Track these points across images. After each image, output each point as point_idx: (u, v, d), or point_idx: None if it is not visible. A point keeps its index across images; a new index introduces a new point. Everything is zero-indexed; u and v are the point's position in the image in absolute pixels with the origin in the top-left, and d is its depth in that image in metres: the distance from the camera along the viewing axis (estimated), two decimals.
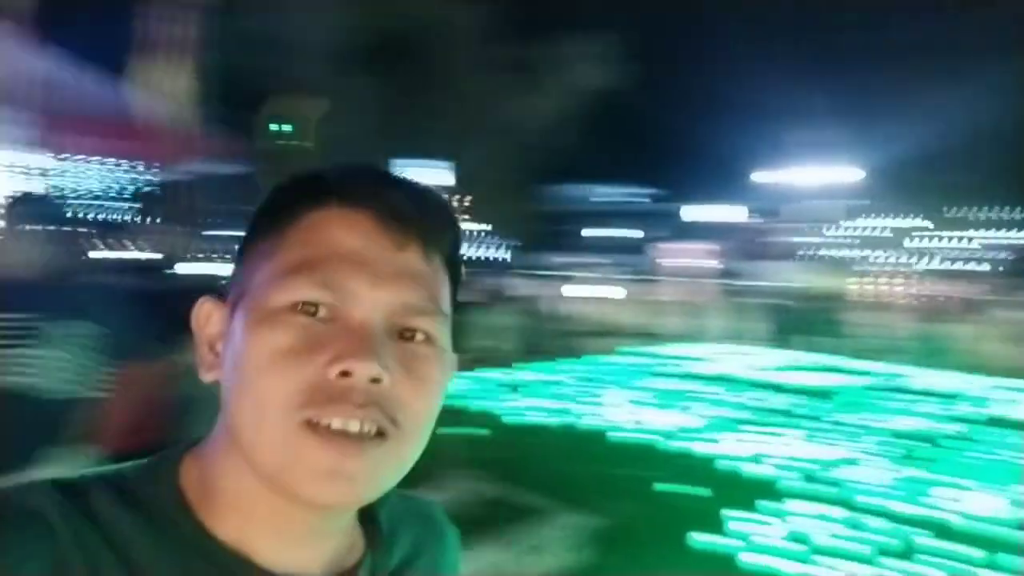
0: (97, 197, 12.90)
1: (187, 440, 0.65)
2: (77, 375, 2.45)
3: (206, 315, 0.65)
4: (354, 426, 0.56)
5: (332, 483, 0.56)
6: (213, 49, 14.71)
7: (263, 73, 22.13)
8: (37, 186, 7.93)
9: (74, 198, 10.53)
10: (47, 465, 2.28)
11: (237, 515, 0.60)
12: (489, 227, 32.83)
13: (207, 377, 0.64)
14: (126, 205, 16.48)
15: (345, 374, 0.56)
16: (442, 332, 0.63)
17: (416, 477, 0.63)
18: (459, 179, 29.52)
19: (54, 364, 2.41)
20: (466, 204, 30.94)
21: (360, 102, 23.44)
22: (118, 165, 9.50)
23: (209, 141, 10.09)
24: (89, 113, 8.09)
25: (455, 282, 0.67)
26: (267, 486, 0.58)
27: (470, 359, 7.88)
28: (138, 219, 16.72)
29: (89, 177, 10.19)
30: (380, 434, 0.57)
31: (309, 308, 0.58)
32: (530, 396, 7.60)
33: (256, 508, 0.60)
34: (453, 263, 0.66)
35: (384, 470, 0.59)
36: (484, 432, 6.02)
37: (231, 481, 0.60)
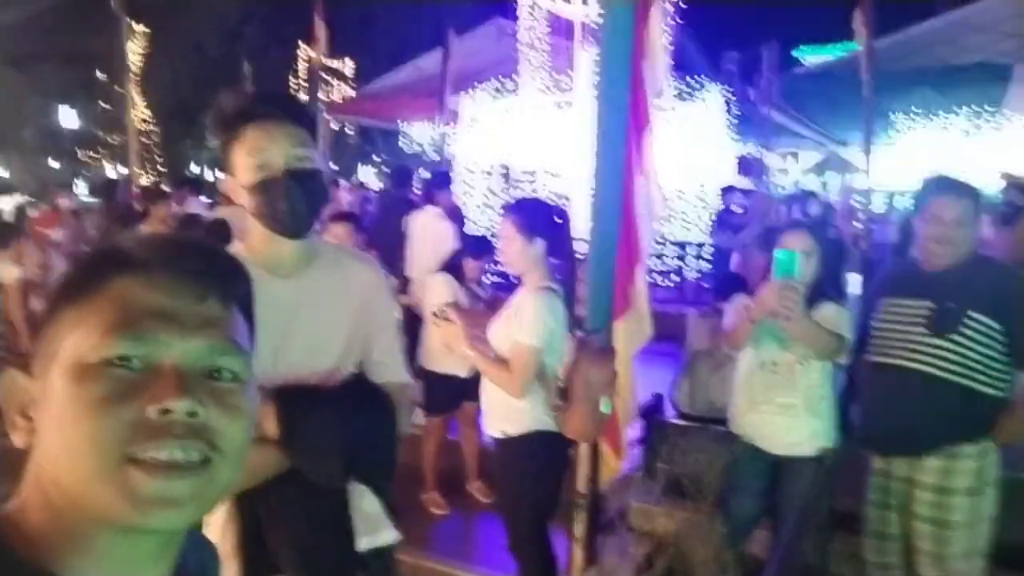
0: None
1: None
2: None
3: (13, 384, 0.71)
4: (178, 455, 0.64)
5: (161, 509, 0.64)
6: None
7: None
8: None
9: None
10: None
11: (80, 557, 0.65)
12: None
13: (21, 441, 0.69)
14: None
15: (164, 412, 0.64)
16: (246, 368, 0.72)
17: None
18: None
19: None
20: None
21: None
22: None
23: None
24: None
25: (251, 323, 0.77)
26: (99, 523, 0.65)
27: None
28: None
29: None
30: (203, 462, 0.65)
31: (124, 362, 0.65)
32: None
33: (95, 546, 0.65)
34: (248, 307, 0.77)
35: (208, 493, 0.67)
36: None
37: (64, 529, 0.65)
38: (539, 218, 2.80)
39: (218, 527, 1.63)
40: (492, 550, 3.60)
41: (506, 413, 2.75)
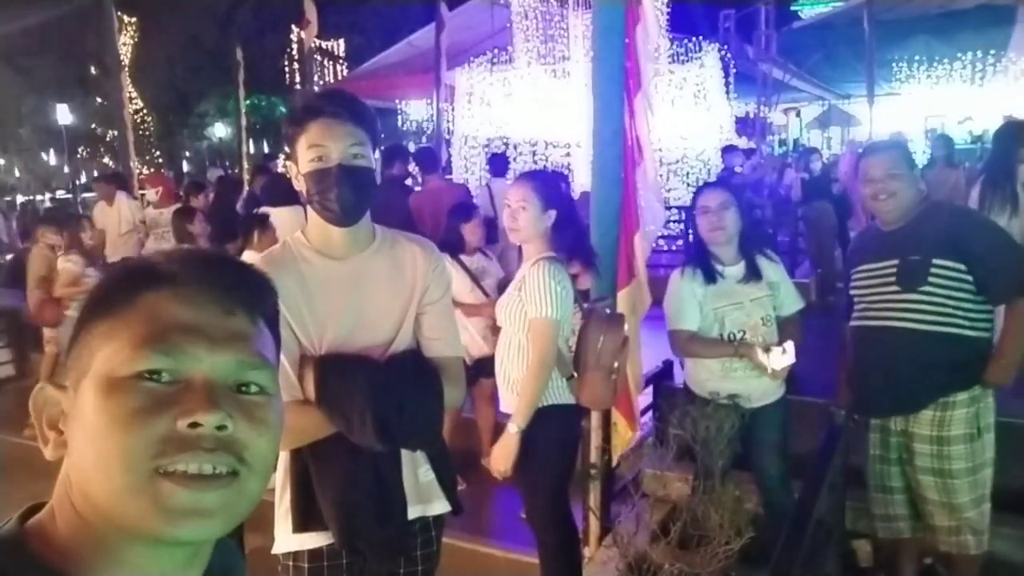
0: None
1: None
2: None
3: (45, 399, 0.71)
4: (207, 468, 0.65)
5: (191, 521, 0.64)
6: None
7: None
8: None
9: None
10: None
11: (109, 568, 0.66)
12: None
13: (53, 454, 0.70)
14: None
15: (194, 425, 0.65)
16: (273, 381, 0.73)
17: None
18: None
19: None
20: None
21: None
22: None
23: None
24: None
25: (277, 338, 0.78)
26: (129, 536, 0.65)
27: None
28: None
29: None
30: (231, 474, 0.66)
31: (154, 375, 0.66)
32: None
33: (124, 558, 0.66)
34: (274, 323, 0.78)
35: (237, 505, 0.67)
36: None
37: (93, 541, 0.66)
38: (554, 190, 2.80)
39: (277, 486, 1.77)
40: (507, 524, 3.64)
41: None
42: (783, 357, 2.85)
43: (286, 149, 1.79)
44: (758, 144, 11.87)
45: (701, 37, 10.49)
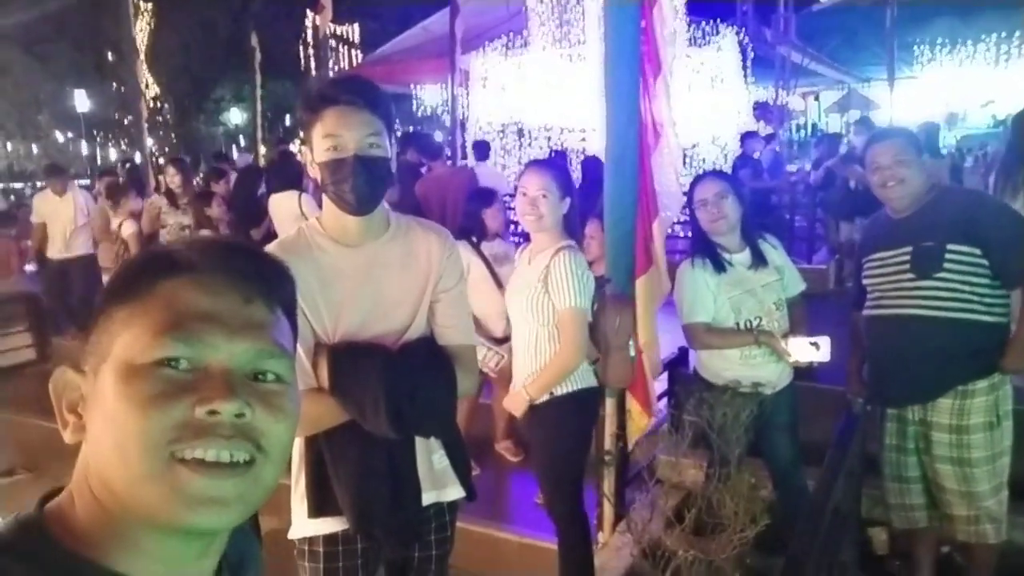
0: None
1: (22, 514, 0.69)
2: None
3: (65, 383, 0.71)
4: (225, 456, 0.65)
5: (208, 508, 0.65)
6: None
7: None
8: None
9: None
10: None
11: (127, 552, 0.66)
12: None
13: (72, 438, 0.70)
14: None
15: (213, 413, 0.65)
16: (290, 370, 0.73)
17: None
18: None
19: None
20: None
21: None
22: None
23: None
24: None
25: (295, 327, 0.78)
26: (147, 522, 0.65)
27: None
28: None
29: None
30: (248, 462, 0.67)
31: (172, 363, 0.66)
32: None
33: (141, 543, 0.66)
34: (292, 311, 0.78)
35: (253, 492, 0.68)
36: None
37: (111, 525, 0.66)
38: (569, 176, 2.79)
39: (293, 471, 1.78)
40: (522, 509, 3.66)
41: None
42: (812, 351, 2.83)
43: (301, 135, 1.78)
44: (776, 129, 11.73)
45: (719, 20, 10.37)
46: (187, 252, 0.72)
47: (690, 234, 3.24)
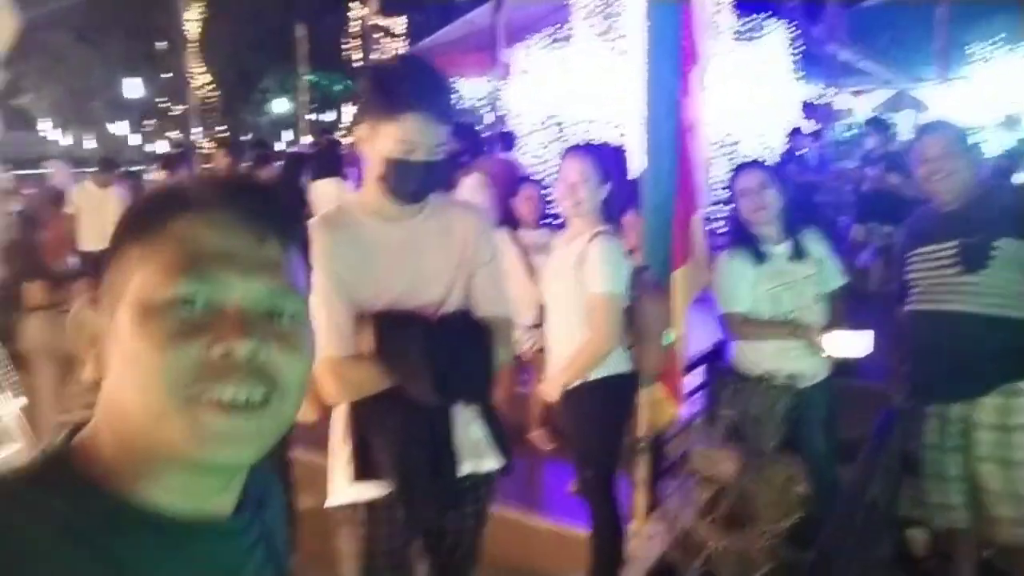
0: None
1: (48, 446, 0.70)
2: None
3: (83, 322, 0.72)
4: (241, 395, 0.66)
5: (225, 446, 0.66)
6: None
7: None
8: None
9: None
10: None
11: (150, 486, 0.68)
12: None
13: (92, 375, 0.72)
14: None
15: (228, 352, 0.65)
16: (304, 309, 0.73)
17: None
18: None
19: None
20: None
21: None
22: None
23: None
24: None
25: (309, 267, 0.77)
26: (167, 457, 0.67)
27: None
28: None
29: None
30: (264, 401, 0.67)
31: (187, 300, 0.66)
32: None
33: (163, 477, 0.68)
34: (306, 252, 0.77)
35: (270, 430, 0.69)
36: None
37: (133, 460, 0.67)
38: (610, 163, 2.79)
39: (338, 437, 1.85)
40: (555, 498, 3.66)
41: None
42: (849, 345, 2.80)
43: (358, 116, 1.80)
44: (823, 127, 11.52)
45: (767, 14, 10.20)
46: (200, 190, 0.72)
47: (726, 227, 3.23)
